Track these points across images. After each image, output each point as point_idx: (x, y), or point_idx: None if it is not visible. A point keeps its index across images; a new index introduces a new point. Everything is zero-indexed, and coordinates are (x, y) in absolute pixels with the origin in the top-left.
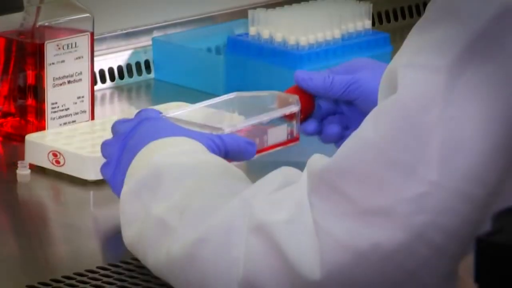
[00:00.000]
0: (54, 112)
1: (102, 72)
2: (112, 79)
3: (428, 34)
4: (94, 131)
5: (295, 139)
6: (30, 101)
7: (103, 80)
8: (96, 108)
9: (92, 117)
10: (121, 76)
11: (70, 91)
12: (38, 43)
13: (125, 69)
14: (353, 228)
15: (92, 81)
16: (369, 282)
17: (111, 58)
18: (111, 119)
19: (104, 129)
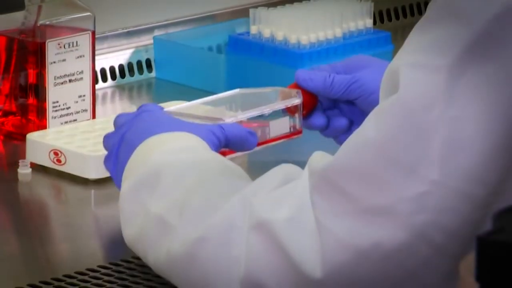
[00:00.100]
0: (55, 111)
1: (103, 71)
2: (113, 78)
3: (429, 34)
4: (95, 130)
5: (298, 132)
6: (31, 100)
7: (104, 79)
8: (97, 107)
9: (93, 116)
10: (122, 75)
11: (71, 90)
12: (39, 42)
13: (126, 68)
14: (354, 227)
15: (93, 80)
16: (370, 281)
17: (113, 57)
18: (112, 118)
19: (105, 128)
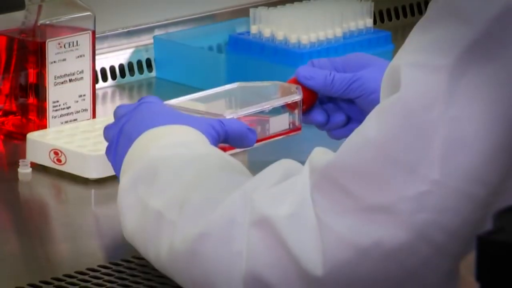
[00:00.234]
0: (55, 110)
1: (103, 70)
2: (114, 77)
3: (430, 33)
4: (96, 129)
5: (297, 129)
6: (32, 99)
7: (105, 79)
8: (97, 106)
9: (94, 116)
10: (123, 75)
11: (71, 89)
12: (40, 41)
13: (127, 68)
14: (354, 225)
15: (94, 79)
16: (371, 280)
17: (113, 57)
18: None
19: None
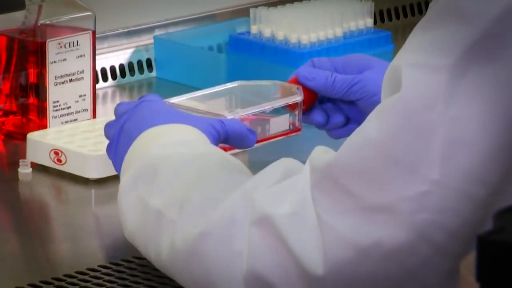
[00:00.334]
0: (55, 110)
1: (103, 70)
2: (114, 77)
3: (431, 34)
4: (96, 129)
5: (297, 130)
6: (32, 99)
7: (105, 79)
8: (97, 106)
9: (94, 116)
10: (123, 75)
11: (71, 89)
12: (40, 41)
13: (127, 68)
14: (355, 224)
15: (94, 79)
16: (371, 279)
17: (113, 57)
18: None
19: None
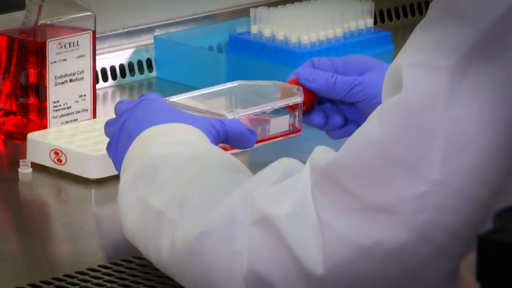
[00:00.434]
0: (56, 110)
1: (104, 70)
2: (114, 77)
3: (432, 34)
4: (96, 129)
5: (297, 131)
6: (32, 99)
7: (105, 79)
8: (98, 106)
9: (94, 116)
10: (123, 75)
11: (72, 89)
12: (40, 41)
13: (127, 68)
14: (355, 224)
15: (94, 79)
16: (371, 279)
17: (113, 57)
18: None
19: None
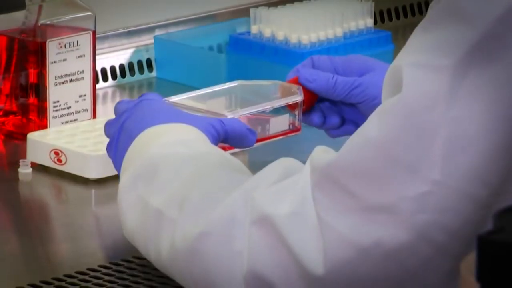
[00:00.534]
0: (56, 110)
1: (104, 70)
2: (114, 77)
3: (432, 34)
4: (96, 129)
5: (297, 130)
6: (32, 99)
7: (105, 79)
8: (98, 106)
9: (94, 116)
10: (123, 75)
11: (72, 89)
12: (40, 41)
13: (127, 68)
14: (355, 224)
15: (94, 79)
16: (371, 279)
17: (113, 57)
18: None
19: None
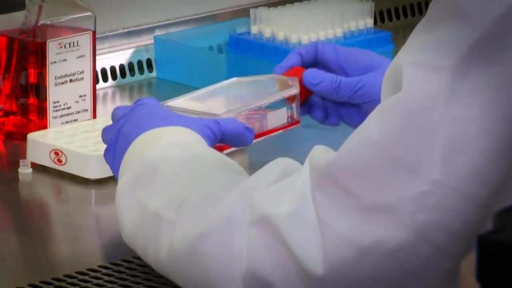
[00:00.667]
0: (56, 110)
1: (104, 70)
2: (114, 77)
3: (432, 34)
4: (96, 129)
5: (296, 122)
6: (32, 99)
7: (105, 79)
8: (98, 106)
9: (94, 116)
10: (123, 75)
11: (72, 89)
12: (40, 41)
13: (127, 68)
14: (355, 224)
15: (94, 79)
16: (371, 279)
17: (113, 57)
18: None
19: None
